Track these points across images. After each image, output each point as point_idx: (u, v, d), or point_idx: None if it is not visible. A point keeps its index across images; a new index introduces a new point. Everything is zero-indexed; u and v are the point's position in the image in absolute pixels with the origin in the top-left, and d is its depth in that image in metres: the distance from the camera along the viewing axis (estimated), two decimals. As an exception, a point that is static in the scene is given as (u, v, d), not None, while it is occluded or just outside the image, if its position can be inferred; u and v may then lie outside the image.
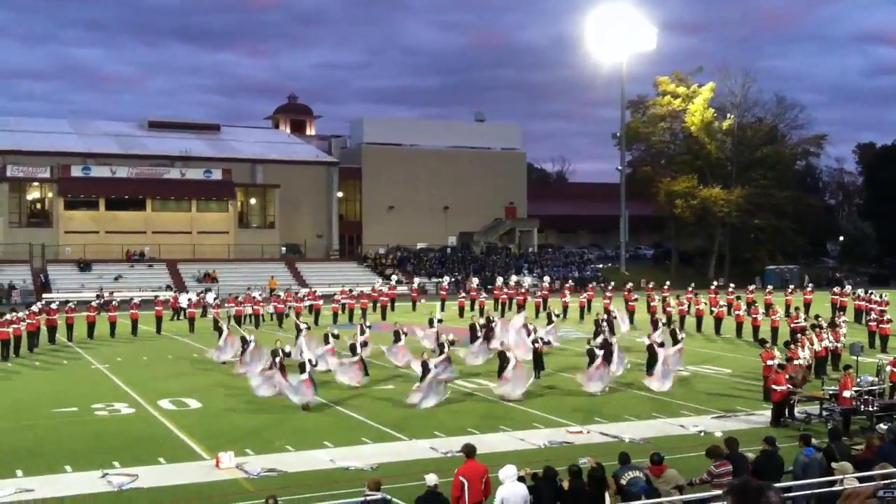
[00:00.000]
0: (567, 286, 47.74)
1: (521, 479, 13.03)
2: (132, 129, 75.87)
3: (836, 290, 43.67)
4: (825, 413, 19.79)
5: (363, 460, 17.21)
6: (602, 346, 26.02)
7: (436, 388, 22.80)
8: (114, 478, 16.09)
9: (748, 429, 19.47)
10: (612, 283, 50.39)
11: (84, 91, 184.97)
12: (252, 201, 71.70)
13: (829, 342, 26.79)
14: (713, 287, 44.51)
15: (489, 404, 23.11)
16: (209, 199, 67.94)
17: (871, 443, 15.11)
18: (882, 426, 16.99)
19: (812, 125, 78.40)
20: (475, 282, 51.17)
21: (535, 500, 12.47)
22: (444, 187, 76.77)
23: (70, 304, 40.44)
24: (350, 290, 46.68)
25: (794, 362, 22.48)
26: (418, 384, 22.86)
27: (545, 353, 27.76)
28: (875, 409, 19.21)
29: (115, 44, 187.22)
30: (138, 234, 65.60)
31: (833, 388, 20.43)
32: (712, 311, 38.90)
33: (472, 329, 31.90)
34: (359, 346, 26.86)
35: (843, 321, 31.52)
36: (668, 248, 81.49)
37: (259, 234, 69.17)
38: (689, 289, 43.01)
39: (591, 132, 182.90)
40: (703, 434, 19.10)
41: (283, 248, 69.91)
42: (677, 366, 26.45)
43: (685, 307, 39.99)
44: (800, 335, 26.49)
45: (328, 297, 46.22)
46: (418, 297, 50.45)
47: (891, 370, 21.37)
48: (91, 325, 38.93)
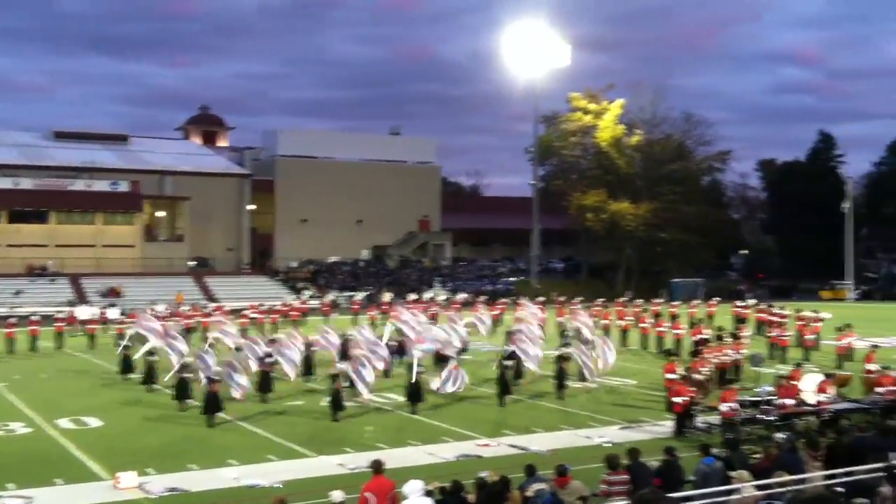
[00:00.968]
0: (479, 300, 48.14)
1: (429, 493, 12.99)
2: (37, 139, 73.58)
3: (739, 302, 44.90)
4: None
5: (269, 478, 16.93)
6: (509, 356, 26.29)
7: (454, 375, 24.31)
8: (8, 500, 15.49)
9: (651, 439, 19.82)
10: (528, 297, 50.71)
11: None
12: (160, 214, 70.20)
13: (731, 354, 27.50)
14: (621, 300, 45.34)
15: (398, 418, 23.03)
16: (115, 211, 66.24)
17: (769, 452, 15.53)
18: (780, 435, 17.48)
19: (718, 142, 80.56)
20: (388, 296, 51.04)
21: (440, 514, 12.46)
22: (358, 200, 76.47)
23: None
24: (260, 305, 46.04)
25: (695, 375, 23.00)
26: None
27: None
28: (773, 418, 19.76)
29: (25, 52, 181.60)
30: (41, 248, 63.53)
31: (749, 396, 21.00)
32: (619, 324, 39.60)
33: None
34: (255, 360, 26.58)
35: (746, 333, 32.46)
36: (579, 262, 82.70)
37: (167, 247, 67.72)
38: (598, 301, 43.88)
39: (507, 146, 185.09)
40: (609, 445, 19.35)
41: (192, 262, 68.59)
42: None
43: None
44: (702, 347, 27.14)
45: (237, 312, 45.50)
46: (330, 311, 50.01)
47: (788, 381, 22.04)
48: (-12, 342, 37.52)
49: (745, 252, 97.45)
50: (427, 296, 51.24)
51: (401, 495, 12.35)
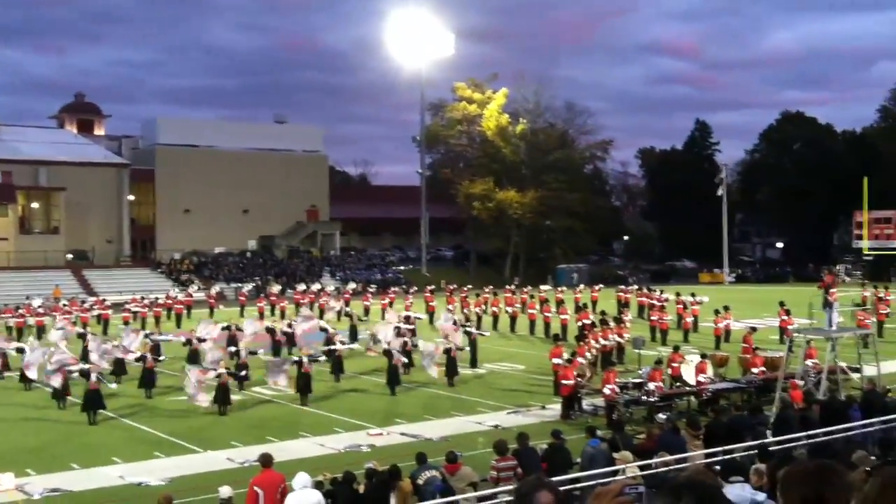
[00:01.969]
0: (369, 289, 48.21)
1: (318, 484, 12.96)
2: None
3: (622, 287, 46.14)
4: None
5: (156, 475, 16.57)
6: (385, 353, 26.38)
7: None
8: None
9: (539, 423, 20.22)
10: (415, 287, 50.86)
11: None
12: (35, 205, 67.36)
13: (613, 338, 28.27)
14: (509, 287, 46.02)
15: (288, 411, 22.82)
16: (-14, 203, 63.28)
17: (651, 432, 16.06)
18: (661, 416, 18.09)
19: (600, 131, 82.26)
20: (276, 287, 50.33)
21: (331, 504, 12.44)
22: (243, 190, 74.97)
23: None
24: (142, 298, 44.79)
25: (579, 359, 23.59)
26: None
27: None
28: (655, 399, 20.41)
29: None
30: None
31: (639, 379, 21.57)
32: (507, 311, 40.16)
33: (270, 332, 31.55)
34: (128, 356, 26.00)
35: (628, 318, 33.43)
36: (468, 250, 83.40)
37: (42, 240, 65.04)
38: (487, 289, 44.50)
39: (393, 135, 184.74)
40: (500, 429, 19.63)
41: (70, 255, 66.15)
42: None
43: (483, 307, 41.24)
44: (587, 332, 27.80)
45: (118, 306, 44.16)
46: (216, 303, 48.96)
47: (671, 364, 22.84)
48: None
49: (626, 238, 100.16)
50: (315, 287, 50.68)
51: (290, 488, 12.29)
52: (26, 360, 25.71)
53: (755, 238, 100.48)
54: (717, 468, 11.19)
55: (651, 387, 20.45)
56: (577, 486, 12.70)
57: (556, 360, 23.23)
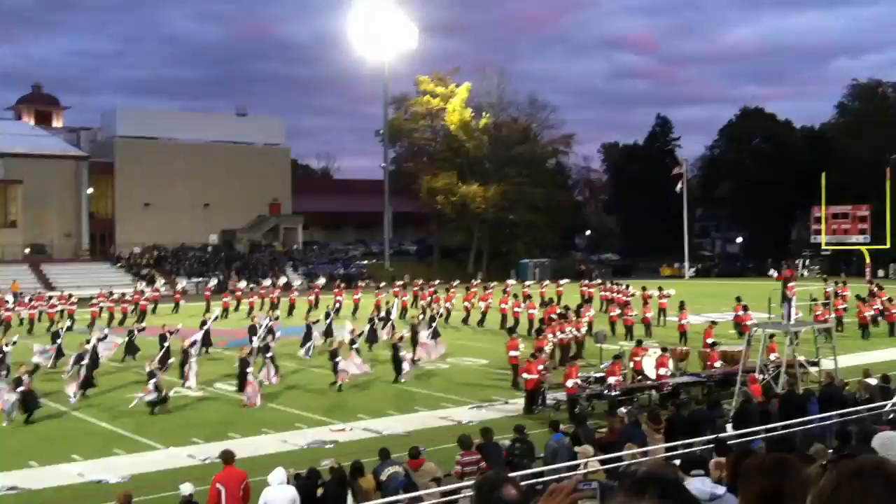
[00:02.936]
0: (336, 284, 48.22)
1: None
2: None
3: (585, 281, 46.48)
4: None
5: (115, 472, 16.39)
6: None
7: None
8: None
9: (502, 417, 20.28)
10: (383, 283, 50.62)
11: None
12: (-9, 198, 66.27)
13: (570, 331, 28.44)
14: (475, 283, 46.18)
15: (249, 407, 22.67)
16: (-60, 195, 62.16)
17: (612, 426, 16.20)
18: (622, 410, 18.23)
19: (562, 125, 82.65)
20: (243, 283, 49.98)
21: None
22: (204, 183, 74.23)
23: None
24: (110, 294, 44.28)
25: (538, 353, 23.73)
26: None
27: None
28: (617, 393, 20.57)
29: None
30: None
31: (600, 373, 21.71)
32: (480, 306, 40.16)
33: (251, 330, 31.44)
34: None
35: (590, 312, 33.60)
36: (431, 244, 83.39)
37: (-1, 233, 64.11)
38: (453, 284, 44.66)
39: (357, 128, 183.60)
40: (463, 423, 19.66)
41: (27, 249, 65.18)
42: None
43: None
44: (545, 326, 27.98)
45: (85, 301, 43.53)
46: (181, 298, 48.42)
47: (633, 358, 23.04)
48: None
49: (588, 233, 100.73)
50: (282, 281, 50.38)
51: (256, 484, 12.25)
52: None
53: (715, 233, 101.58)
54: (677, 462, 11.29)
55: (612, 381, 20.62)
56: (541, 479, 12.76)
57: (513, 353, 23.43)
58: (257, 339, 26.48)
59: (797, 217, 79.57)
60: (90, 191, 70.77)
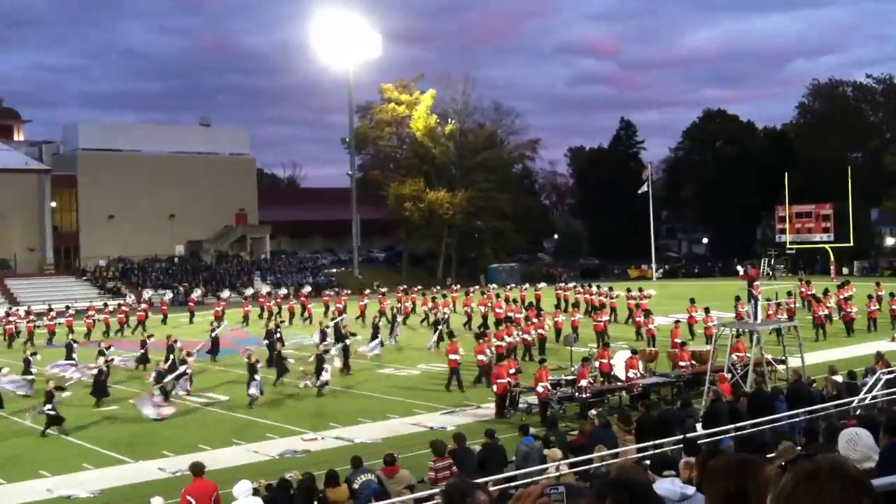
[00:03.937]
0: (302, 293, 48.24)
1: (255, 491, 12.85)
2: None
3: (561, 285, 47.16)
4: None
5: (85, 487, 16.21)
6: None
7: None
8: None
9: (474, 422, 20.29)
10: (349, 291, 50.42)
11: None
12: (-49, 213, 65.26)
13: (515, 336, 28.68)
14: (455, 287, 46.43)
15: (220, 417, 22.54)
16: None
17: (583, 428, 16.25)
18: (593, 412, 18.32)
19: (527, 131, 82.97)
20: (226, 293, 50.00)
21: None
22: (169, 195, 73.60)
23: None
24: (105, 305, 44.36)
25: (479, 356, 24.81)
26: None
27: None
28: (587, 395, 20.68)
29: None
30: None
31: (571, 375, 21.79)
32: (480, 310, 40.17)
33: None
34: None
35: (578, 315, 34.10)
36: (400, 251, 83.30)
37: (-39, 249, 63.13)
38: (416, 288, 45.01)
39: (321, 137, 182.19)
40: (435, 429, 19.66)
41: (-10, 264, 64.31)
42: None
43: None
44: (486, 330, 28.20)
45: (81, 313, 43.31)
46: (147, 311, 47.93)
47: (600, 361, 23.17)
48: None
49: (556, 237, 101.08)
50: (248, 292, 50.06)
51: (227, 496, 12.16)
52: None
53: (681, 234, 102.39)
54: (648, 462, 11.34)
55: (583, 383, 20.72)
56: (513, 484, 12.80)
57: (453, 356, 24.21)
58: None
59: (762, 217, 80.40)
60: (53, 204, 69.96)
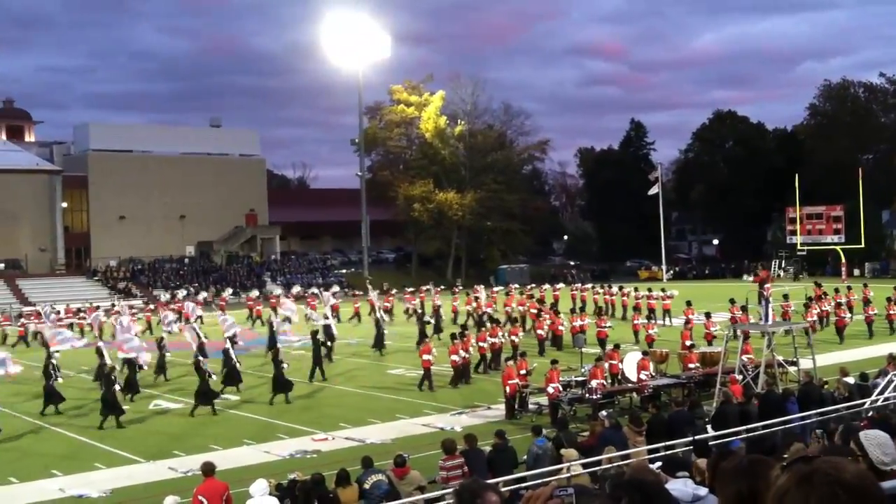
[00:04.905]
0: (310, 293, 48.41)
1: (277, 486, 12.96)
2: None
3: (577, 286, 47.44)
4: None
5: (96, 487, 16.28)
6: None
7: None
8: None
9: (484, 423, 20.28)
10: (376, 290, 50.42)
11: None
12: (-37, 214, 65.63)
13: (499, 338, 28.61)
14: (477, 287, 46.62)
15: (229, 418, 22.60)
16: (-88, 212, 61.48)
17: (594, 429, 16.24)
18: (603, 413, 18.29)
19: (537, 132, 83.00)
20: (255, 292, 50.48)
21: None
22: (179, 195, 73.87)
23: None
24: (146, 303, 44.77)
25: (453, 357, 25.29)
26: None
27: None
28: (598, 397, 20.65)
29: None
30: None
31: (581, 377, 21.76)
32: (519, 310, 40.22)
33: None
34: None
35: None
36: (409, 252, 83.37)
37: (-27, 249, 63.46)
38: (424, 288, 45.47)
39: (331, 139, 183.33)
40: (452, 430, 19.62)
41: (1, 265, 64.59)
42: None
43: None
44: (466, 332, 28.11)
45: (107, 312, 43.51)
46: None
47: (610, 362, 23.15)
48: None
49: (566, 238, 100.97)
50: (254, 294, 50.20)
51: (238, 496, 12.21)
52: None
53: (690, 236, 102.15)
54: (658, 464, 11.35)
55: (594, 384, 20.70)
56: (524, 485, 12.80)
57: (426, 357, 25.10)
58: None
59: (772, 218, 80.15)
60: (64, 205, 70.27)
